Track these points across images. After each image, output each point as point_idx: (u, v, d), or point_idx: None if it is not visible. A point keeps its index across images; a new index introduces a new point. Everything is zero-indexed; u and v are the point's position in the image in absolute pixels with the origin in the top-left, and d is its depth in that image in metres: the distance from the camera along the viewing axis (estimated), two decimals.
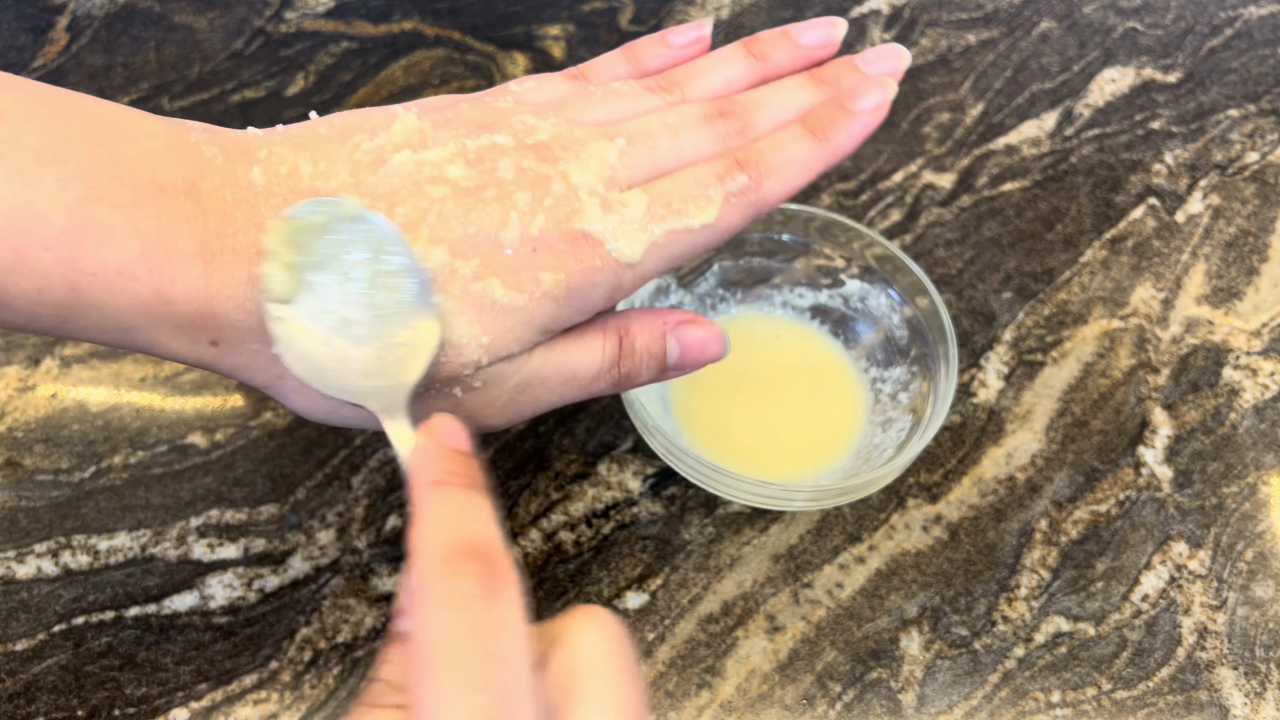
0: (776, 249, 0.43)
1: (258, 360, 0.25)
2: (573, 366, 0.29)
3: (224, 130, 0.27)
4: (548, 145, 0.28)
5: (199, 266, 0.24)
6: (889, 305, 0.42)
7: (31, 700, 0.34)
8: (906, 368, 0.41)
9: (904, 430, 0.39)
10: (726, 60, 0.31)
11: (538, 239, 0.27)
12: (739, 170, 0.28)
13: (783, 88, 0.30)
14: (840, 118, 0.29)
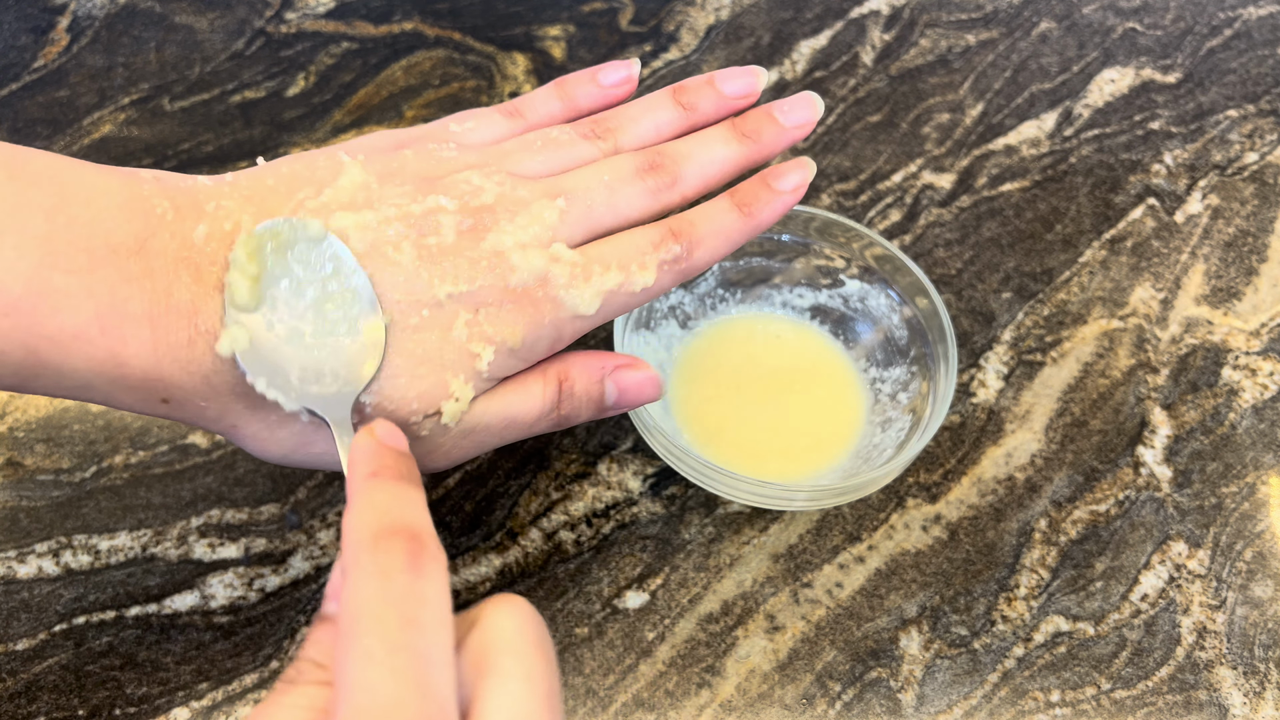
0: (776, 249, 0.43)
1: (207, 414, 0.27)
2: (514, 412, 0.30)
3: (174, 180, 0.28)
4: (491, 208, 0.29)
5: (148, 329, 0.25)
6: (888, 305, 0.42)
7: (33, 700, 0.34)
8: (906, 368, 0.41)
9: (903, 430, 0.39)
10: (656, 108, 0.33)
11: (486, 299, 0.29)
12: (674, 240, 0.31)
13: (708, 141, 0.32)
14: (765, 196, 0.32)
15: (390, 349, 0.27)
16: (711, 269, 0.43)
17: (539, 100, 0.34)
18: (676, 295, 0.43)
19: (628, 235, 0.31)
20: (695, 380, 0.42)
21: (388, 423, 0.25)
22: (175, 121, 0.52)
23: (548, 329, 0.30)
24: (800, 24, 0.58)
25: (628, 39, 0.57)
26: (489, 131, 0.32)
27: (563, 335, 0.30)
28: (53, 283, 0.24)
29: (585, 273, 0.29)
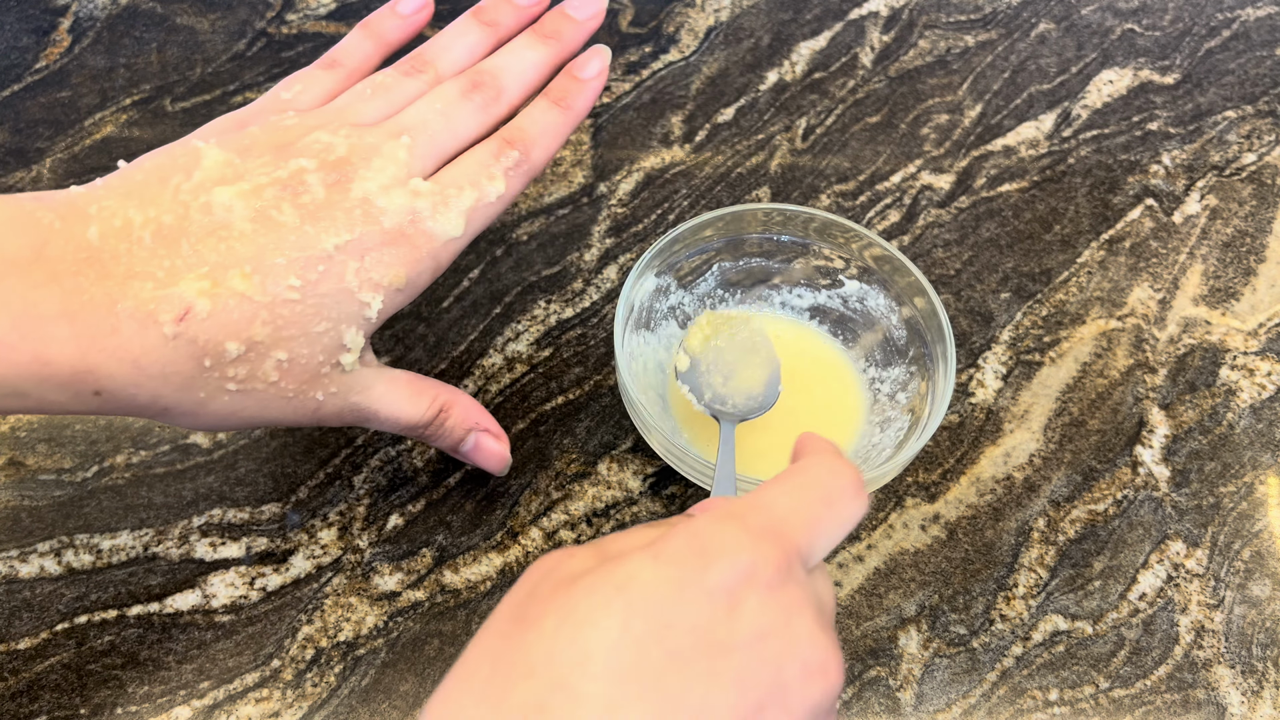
0: (776, 250, 0.43)
1: (139, 400, 0.28)
2: (400, 409, 0.34)
3: (50, 194, 0.29)
4: (348, 159, 0.31)
5: (66, 325, 0.27)
6: (887, 306, 0.42)
7: (34, 699, 0.35)
8: (905, 368, 0.41)
9: (902, 430, 0.39)
10: (464, 32, 0.36)
11: (368, 244, 0.31)
12: (510, 147, 0.34)
13: (517, 50, 0.35)
14: (575, 87, 0.35)
15: (295, 307, 0.29)
16: (711, 269, 0.43)
17: (351, 46, 0.36)
18: (677, 296, 0.43)
19: (470, 154, 0.33)
20: None
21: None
22: (177, 122, 0.52)
23: (426, 260, 0.32)
24: (799, 25, 0.59)
25: (628, 40, 0.57)
26: (317, 90, 0.35)
27: (440, 261, 0.33)
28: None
29: (444, 199, 0.32)
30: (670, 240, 0.40)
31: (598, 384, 0.43)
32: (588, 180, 0.51)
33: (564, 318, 0.45)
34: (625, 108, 0.54)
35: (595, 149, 0.52)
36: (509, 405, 0.43)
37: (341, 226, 0.30)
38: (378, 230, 0.31)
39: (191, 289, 0.28)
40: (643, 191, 0.50)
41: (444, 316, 0.45)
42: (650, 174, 0.51)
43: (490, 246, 0.48)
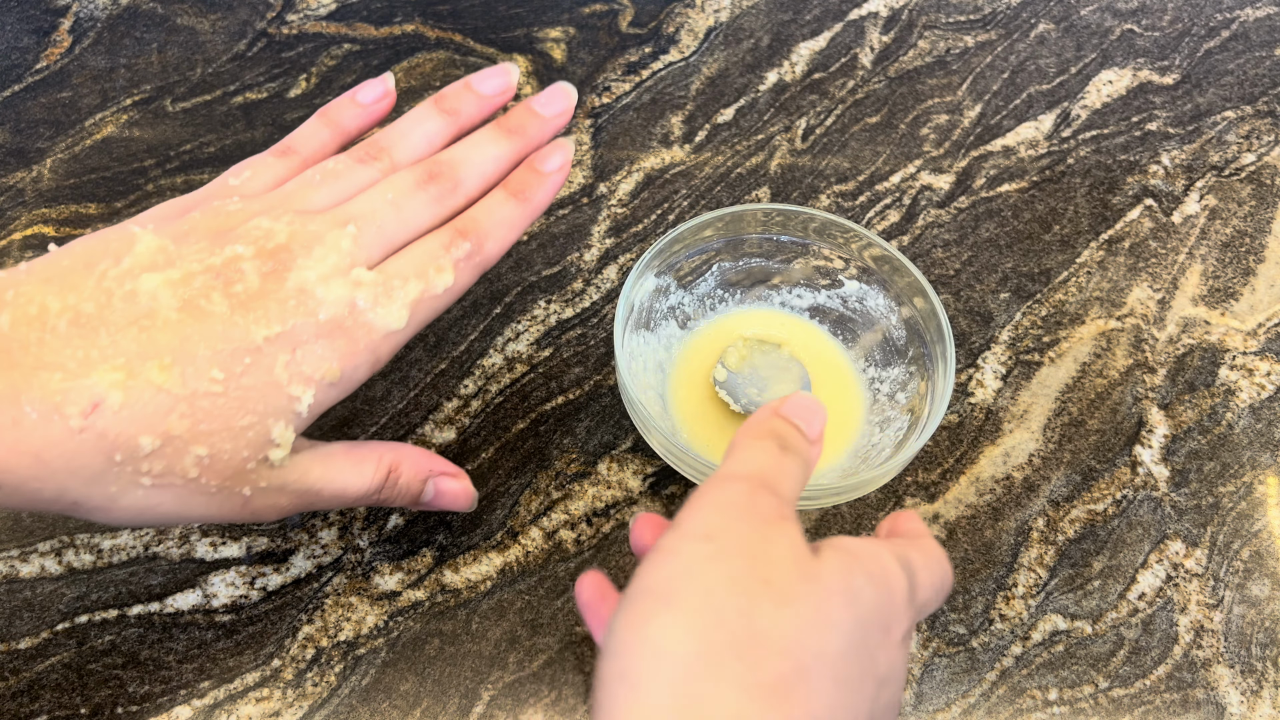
0: (775, 250, 0.44)
1: (44, 494, 0.27)
2: (344, 484, 0.32)
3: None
4: (287, 247, 0.30)
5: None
6: (887, 306, 0.42)
7: (35, 698, 0.35)
8: (904, 367, 0.41)
9: (901, 430, 0.39)
10: (423, 119, 0.35)
11: (302, 337, 0.29)
12: (462, 239, 0.32)
13: (479, 143, 0.34)
14: (535, 180, 0.34)
15: (216, 400, 0.28)
16: (711, 270, 0.43)
17: (308, 133, 0.35)
18: (676, 296, 0.43)
19: (419, 244, 0.32)
20: (694, 380, 0.42)
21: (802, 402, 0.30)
22: (177, 123, 0.52)
23: (364, 354, 0.30)
24: (799, 26, 0.59)
25: (628, 40, 0.57)
26: (267, 176, 0.33)
27: (380, 355, 0.31)
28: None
29: (387, 290, 0.31)
30: (670, 240, 0.40)
31: (598, 384, 0.43)
32: (588, 180, 0.51)
33: (564, 318, 0.45)
34: (625, 108, 0.54)
35: (595, 149, 0.52)
36: (509, 405, 0.43)
37: (274, 317, 0.29)
38: (313, 322, 0.29)
39: (104, 380, 0.27)
40: (643, 192, 0.50)
41: (444, 316, 0.45)
42: (650, 174, 0.51)
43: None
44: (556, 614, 0.37)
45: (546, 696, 0.36)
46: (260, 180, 0.33)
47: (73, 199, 0.49)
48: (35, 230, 0.47)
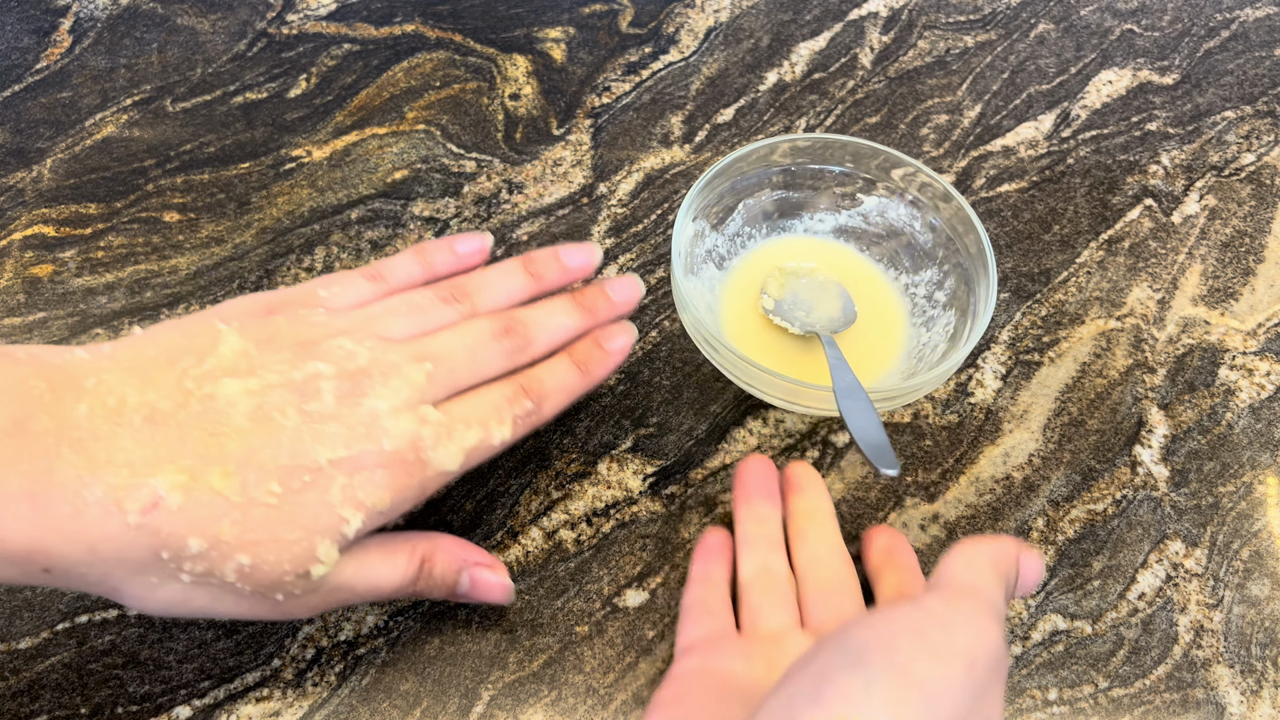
0: (795, 179, 0.46)
1: (89, 578, 0.28)
2: (378, 578, 0.32)
3: (50, 356, 0.29)
4: (367, 372, 0.31)
5: (27, 505, 0.26)
6: (908, 214, 0.44)
7: (35, 698, 0.35)
8: (936, 268, 0.43)
9: (950, 324, 0.41)
10: (509, 275, 0.37)
11: (363, 463, 0.30)
12: (525, 397, 0.34)
13: (553, 310, 0.37)
14: (598, 355, 0.37)
15: (270, 513, 0.29)
16: (738, 209, 0.45)
17: (399, 265, 0.37)
18: (711, 240, 0.44)
19: (486, 393, 0.34)
20: (744, 315, 0.44)
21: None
22: (177, 123, 0.52)
23: (414, 488, 0.32)
24: (799, 26, 0.59)
25: (627, 41, 0.57)
26: (354, 294, 0.35)
27: (427, 490, 0.32)
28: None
29: (449, 432, 0.32)
30: (702, 185, 0.42)
31: None
32: (588, 180, 0.51)
33: None
34: (625, 108, 0.54)
35: (595, 149, 0.52)
36: None
37: (340, 441, 0.30)
38: (376, 450, 0.30)
39: (167, 481, 0.27)
40: (643, 191, 0.50)
41: None
42: (650, 174, 0.51)
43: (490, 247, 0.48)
44: (556, 614, 0.37)
45: (546, 696, 0.36)
46: (346, 297, 0.35)
47: (73, 199, 0.49)
48: (35, 230, 0.47)
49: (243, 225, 0.48)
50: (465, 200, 0.50)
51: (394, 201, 0.49)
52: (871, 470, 0.41)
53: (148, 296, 0.45)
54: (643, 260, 0.48)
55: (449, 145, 0.52)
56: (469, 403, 0.33)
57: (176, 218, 0.48)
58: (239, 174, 0.50)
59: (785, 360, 0.42)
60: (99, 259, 0.46)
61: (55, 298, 0.45)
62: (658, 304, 0.46)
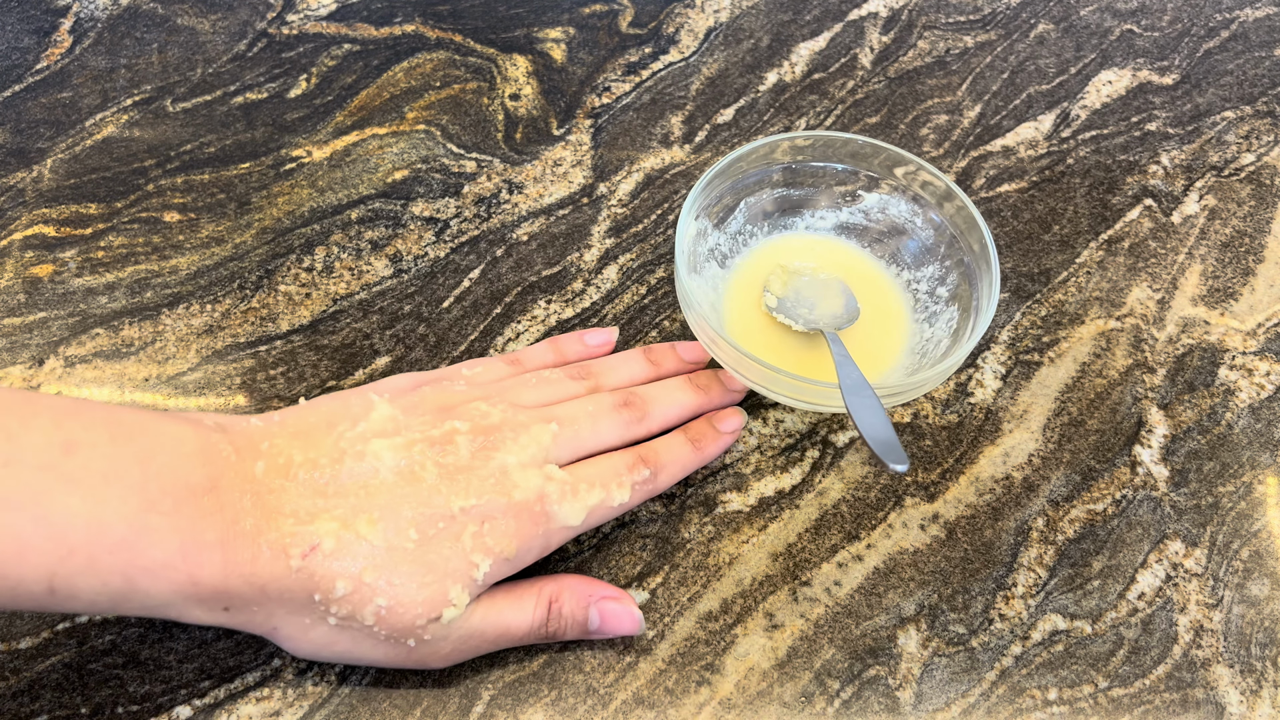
0: (796, 178, 0.46)
1: (256, 618, 0.31)
2: (507, 623, 0.34)
3: (232, 423, 0.33)
4: (499, 428, 0.35)
5: (219, 553, 0.30)
6: (910, 210, 0.45)
7: (35, 698, 0.35)
8: (938, 265, 0.44)
9: (953, 320, 0.42)
10: (630, 361, 0.41)
11: (492, 512, 0.33)
12: (644, 465, 0.37)
13: (671, 389, 0.40)
14: (711, 434, 0.40)
15: (407, 557, 0.32)
16: (740, 207, 0.45)
17: (535, 352, 0.41)
18: (714, 238, 0.45)
19: (607, 459, 0.37)
20: (746, 313, 0.44)
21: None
22: (178, 123, 0.52)
23: (539, 539, 0.34)
24: (799, 26, 0.59)
25: (627, 41, 0.57)
26: (493, 374, 0.39)
27: (550, 543, 0.35)
28: (149, 523, 0.29)
29: (574, 490, 0.35)
30: (704, 184, 0.42)
31: None
32: (588, 180, 0.51)
33: (564, 318, 0.46)
34: (625, 108, 0.54)
35: (595, 149, 0.52)
36: None
37: (473, 490, 0.33)
38: (505, 501, 0.33)
39: (323, 529, 0.31)
40: (643, 192, 0.50)
41: (444, 316, 0.45)
42: (650, 174, 0.51)
43: (490, 247, 0.48)
44: None
45: (546, 696, 0.36)
46: (487, 376, 0.39)
47: (73, 199, 0.49)
48: (36, 230, 0.47)
49: (243, 225, 0.48)
50: (465, 200, 0.50)
51: (394, 201, 0.49)
52: (879, 467, 0.41)
53: (148, 296, 0.45)
54: (643, 260, 0.48)
55: (449, 145, 0.52)
56: (591, 466, 0.36)
57: (177, 218, 0.48)
58: (239, 174, 0.50)
59: (789, 357, 0.42)
60: (99, 259, 0.47)
61: (55, 298, 0.45)
62: (658, 304, 0.46)
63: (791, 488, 0.41)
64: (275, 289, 0.46)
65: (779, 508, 0.40)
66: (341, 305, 0.46)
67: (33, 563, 0.27)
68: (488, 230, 0.49)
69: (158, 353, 0.44)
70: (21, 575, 0.27)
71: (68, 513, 0.27)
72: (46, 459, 0.28)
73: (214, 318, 0.45)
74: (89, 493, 0.28)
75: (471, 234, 0.48)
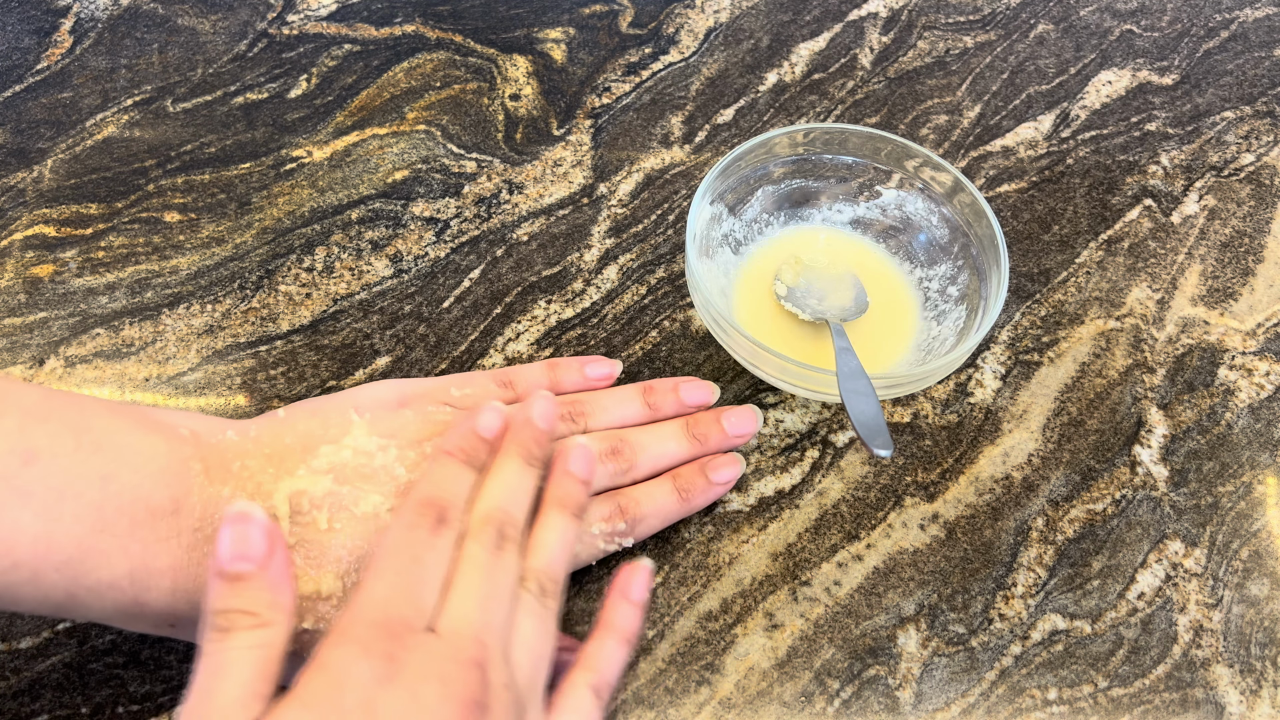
0: (815, 169, 0.46)
1: (199, 634, 0.30)
2: None
3: (209, 433, 0.32)
4: None
5: (169, 580, 0.29)
6: (926, 208, 0.45)
7: (36, 698, 0.35)
8: (951, 263, 0.44)
9: (960, 319, 0.42)
10: (626, 401, 0.39)
11: None
12: (620, 518, 0.36)
13: (663, 436, 0.38)
14: (701, 484, 0.38)
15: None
16: (756, 195, 0.46)
17: (530, 374, 0.39)
18: (728, 224, 0.45)
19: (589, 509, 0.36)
20: (758, 301, 0.44)
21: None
22: (178, 123, 0.52)
23: None
24: (799, 26, 0.59)
25: (627, 41, 0.57)
26: (482, 396, 0.37)
27: None
28: (100, 545, 0.28)
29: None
30: (719, 171, 0.42)
31: None
32: (588, 180, 0.51)
33: (564, 318, 0.46)
34: (625, 108, 0.54)
35: (595, 149, 0.52)
36: None
37: None
38: None
39: None
40: (643, 192, 0.50)
41: (445, 316, 0.45)
42: (650, 174, 0.51)
43: (490, 247, 0.48)
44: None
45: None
46: (475, 398, 0.37)
47: (73, 199, 0.49)
48: (36, 230, 0.47)
49: (243, 225, 0.48)
50: (465, 200, 0.50)
51: (394, 202, 0.49)
52: (865, 451, 0.41)
53: (148, 296, 0.45)
54: (643, 260, 0.48)
55: (449, 145, 0.52)
56: None
57: (177, 218, 0.48)
58: (239, 174, 0.50)
59: (793, 345, 0.43)
60: (99, 259, 0.47)
61: (56, 298, 0.45)
62: (658, 304, 0.46)
63: (791, 487, 0.41)
64: (276, 289, 0.46)
65: (779, 507, 0.40)
66: (342, 305, 0.46)
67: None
68: (488, 230, 0.49)
69: (158, 353, 0.44)
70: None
71: (16, 527, 0.27)
72: (4, 468, 0.27)
73: (214, 318, 0.45)
74: (42, 509, 0.27)
75: (472, 234, 0.48)
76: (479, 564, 0.31)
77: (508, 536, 0.32)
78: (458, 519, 0.32)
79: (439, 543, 0.31)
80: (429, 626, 0.29)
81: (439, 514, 0.32)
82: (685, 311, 0.46)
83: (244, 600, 0.27)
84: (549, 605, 0.32)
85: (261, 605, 0.27)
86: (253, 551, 0.27)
